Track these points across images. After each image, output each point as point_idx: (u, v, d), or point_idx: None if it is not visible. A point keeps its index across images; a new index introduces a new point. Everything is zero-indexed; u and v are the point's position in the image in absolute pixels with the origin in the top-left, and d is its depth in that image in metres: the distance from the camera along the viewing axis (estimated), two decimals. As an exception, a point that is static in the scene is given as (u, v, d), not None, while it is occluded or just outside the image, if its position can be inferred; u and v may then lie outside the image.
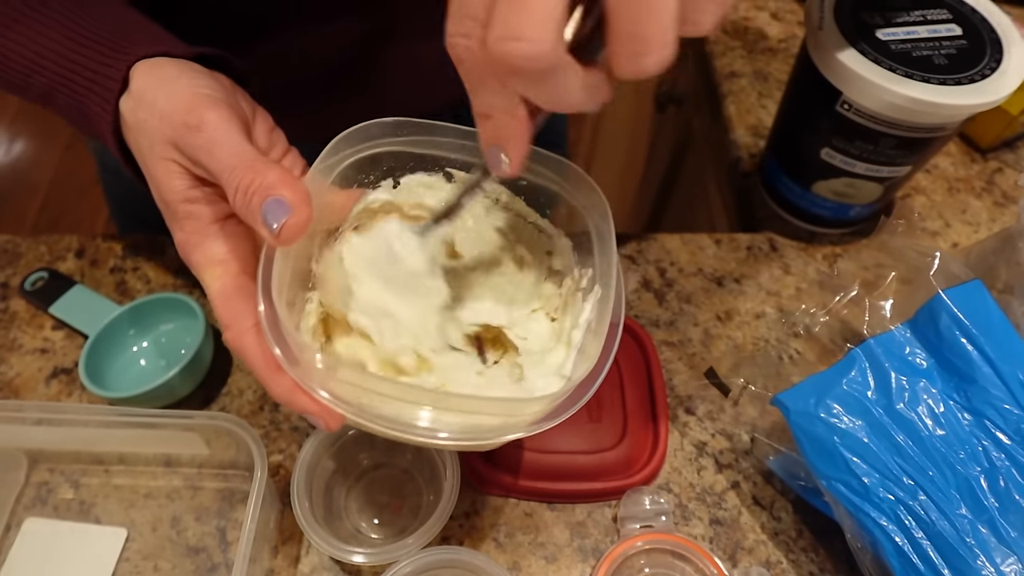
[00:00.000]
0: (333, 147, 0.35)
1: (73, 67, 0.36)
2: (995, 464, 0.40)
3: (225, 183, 0.31)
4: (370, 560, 0.42)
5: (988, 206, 0.64)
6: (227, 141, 0.31)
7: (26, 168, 1.79)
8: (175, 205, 0.33)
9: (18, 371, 0.53)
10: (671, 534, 0.45)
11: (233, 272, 0.33)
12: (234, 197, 0.30)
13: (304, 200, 0.30)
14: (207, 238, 0.33)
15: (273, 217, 0.29)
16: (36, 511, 0.47)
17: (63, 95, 0.37)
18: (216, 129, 0.32)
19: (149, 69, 0.35)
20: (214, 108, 0.32)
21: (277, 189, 0.30)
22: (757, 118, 0.70)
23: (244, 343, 0.31)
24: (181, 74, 0.34)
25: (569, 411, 0.31)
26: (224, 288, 0.32)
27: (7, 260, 0.58)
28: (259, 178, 0.30)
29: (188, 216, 0.33)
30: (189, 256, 0.34)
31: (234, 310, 0.32)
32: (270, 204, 0.29)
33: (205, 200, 0.33)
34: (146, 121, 0.33)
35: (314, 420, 0.31)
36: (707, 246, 0.61)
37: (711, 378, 0.52)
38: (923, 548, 0.38)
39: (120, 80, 0.35)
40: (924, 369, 0.43)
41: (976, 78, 0.48)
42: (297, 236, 0.30)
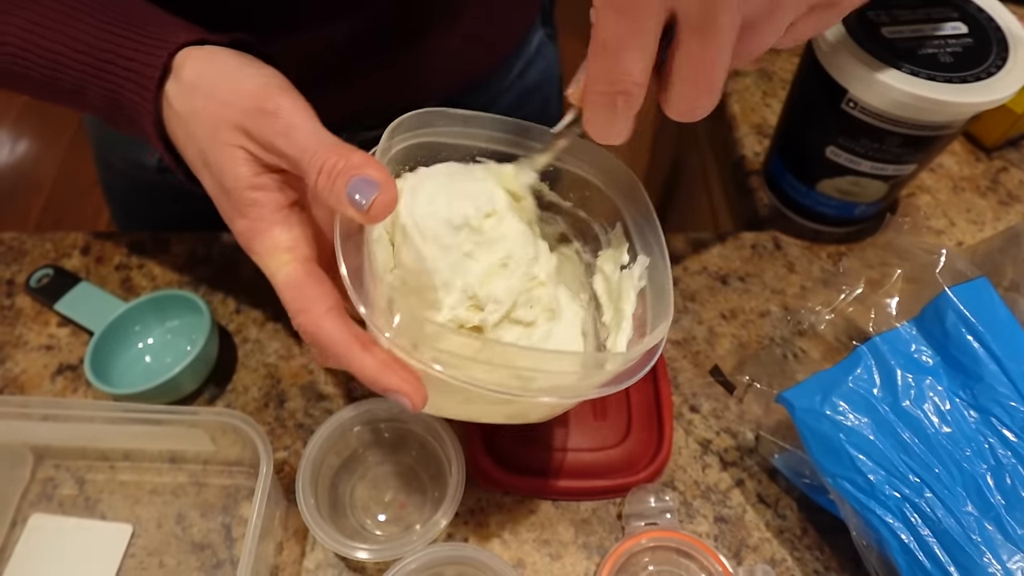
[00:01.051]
0: (388, 134, 0.35)
1: (106, 56, 0.36)
2: (1001, 461, 0.40)
3: (306, 165, 0.31)
4: (375, 556, 0.42)
5: (993, 205, 0.64)
6: (304, 125, 0.32)
7: (29, 167, 1.80)
8: (239, 192, 0.33)
9: (24, 368, 0.53)
10: (676, 531, 0.45)
11: (301, 258, 0.33)
12: (316, 178, 0.30)
13: (389, 179, 0.30)
14: (273, 225, 0.33)
15: (362, 195, 0.30)
16: (42, 507, 0.48)
17: (96, 87, 0.37)
18: (293, 114, 0.32)
19: (205, 58, 0.35)
20: (288, 95, 0.33)
21: (364, 169, 0.30)
22: (761, 117, 0.70)
23: (322, 325, 0.31)
24: (243, 64, 0.34)
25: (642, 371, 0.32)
26: (294, 273, 0.32)
27: (12, 257, 0.58)
28: (343, 159, 0.30)
29: (253, 204, 0.33)
30: (251, 243, 0.34)
31: (306, 295, 0.32)
32: (356, 183, 0.30)
33: (271, 187, 0.33)
34: (204, 108, 0.33)
35: (399, 399, 0.31)
36: (711, 244, 0.61)
37: (716, 376, 0.52)
38: (929, 546, 0.38)
39: (160, 67, 0.35)
40: (930, 367, 0.43)
41: (982, 76, 0.47)
42: (386, 213, 0.30)
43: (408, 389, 0.31)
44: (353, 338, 0.31)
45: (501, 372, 0.31)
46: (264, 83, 0.33)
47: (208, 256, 0.58)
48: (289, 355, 0.53)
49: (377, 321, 0.31)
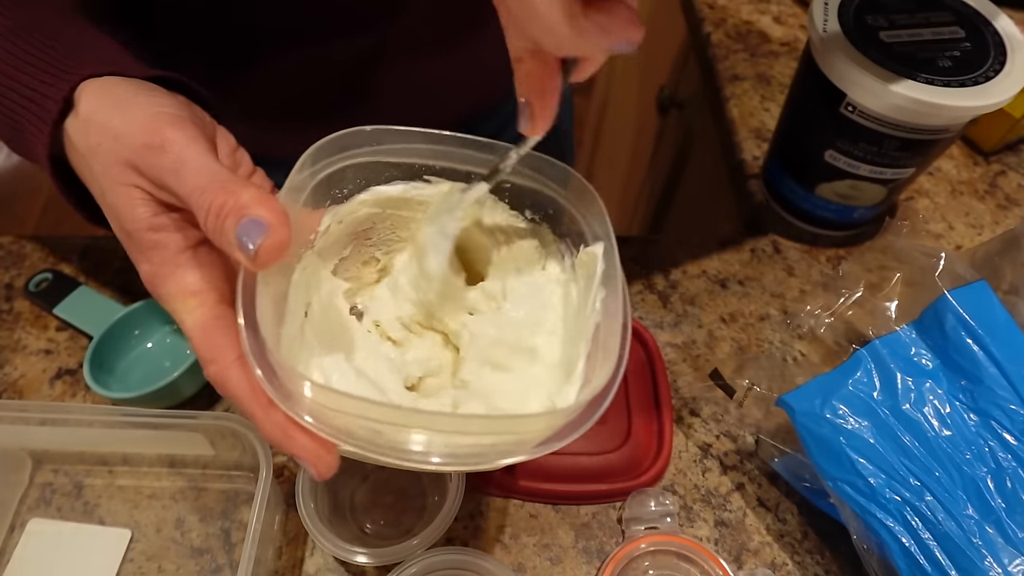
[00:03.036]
0: (310, 156, 0.33)
1: (12, 84, 0.34)
2: (1001, 464, 0.40)
3: (195, 205, 0.28)
4: (375, 561, 0.42)
5: (991, 209, 0.64)
6: (194, 160, 0.29)
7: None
8: (139, 235, 0.31)
9: (22, 372, 0.53)
10: (676, 536, 0.45)
11: (210, 303, 0.30)
12: (205, 220, 0.28)
13: (281, 219, 0.28)
14: (178, 268, 0.30)
15: (249, 239, 0.27)
16: (40, 512, 0.47)
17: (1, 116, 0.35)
18: (182, 148, 0.29)
19: (100, 89, 0.32)
20: (177, 127, 0.30)
21: (252, 209, 0.27)
22: (760, 121, 0.71)
23: (229, 377, 0.29)
24: (137, 93, 0.32)
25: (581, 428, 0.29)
26: (202, 320, 0.30)
27: (11, 261, 0.58)
28: (232, 198, 0.27)
29: (155, 246, 0.30)
30: (158, 289, 0.31)
31: (215, 343, 0.29)
32: (245, 225, 0.27)
33: (172, 227, 0.31)
34: (99, 145, 0.31)
35: (305, 465, 0.29)
36: (710, 248, 0.61)
37: (716, 380, 0.52)
38: (930, 549, 0.38)
39: (60, 100, 0.32)
40: (930, 370, 0.43)
41: (980, 80, 0.48)
42: (275, 258, 0.28)
43: (310, 457, 0.29)
44: (258, 393, 0.29)
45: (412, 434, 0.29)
46: (155, 114, 0.31)
47: (207, 260, 0.58)
48: (288, 359, 0.53)
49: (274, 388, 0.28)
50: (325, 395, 0.28)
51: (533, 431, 0.29)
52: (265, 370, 0.28)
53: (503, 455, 0.29)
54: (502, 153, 0.34)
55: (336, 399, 0.28)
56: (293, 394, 0.28)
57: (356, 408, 0.28)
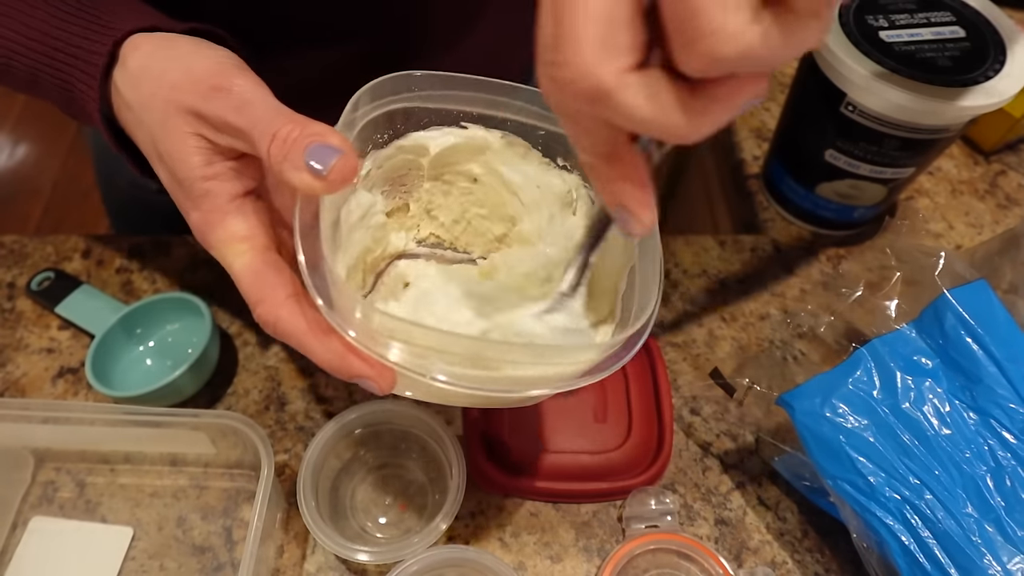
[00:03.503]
0: (353, 104, 0.34)
1: (56, 44, 0.35)
2: (1001, 463, 0.40)
3: (259, 134, 0.29)
4: (376, 559, 0.42)
5: (991, 208, 0.64)
6: (260, 100, 0.31)
7: (29, 172, 1.80)
8: (191, 182, 0.32)
9: (24, 371, 0.53)
10: (676, 534, 0.45)
11: (259, 247, 0.32)
12: (270, 145, 0.29)
13: (351, 147, 0.29)
14: (227, 215, 0.32)
15: (321, 161, 0.28)
16: (42, 510, 0.47)
17: (47, 75, 0.36)
18: (247, 90, 0.31)
19: (158, 43, 0.33)
20: (243, 73, 0.32)
21: (324, 136, 0.29)
22: (760, 121, 0.71)
23: (281, 315, 0.30)
24: (199, 47, 0.33)
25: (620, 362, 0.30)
26: (251, 263, 0.31)
27: (13, 260, 0.58)
28: (300, 127, 0.29)
29: (206, 194, 0.32)
30: (207, 235, 0.32)
31: (265, 283, 0.31)
32: (315, 148, 0.28)
33: (225, 176, 0.32)
34: (154, 94, 0.32)
35: (366, 384, 0.30)
36: (711, 248, 0.61)
37: (716, 379, 0.52)
38: (929, 547, 0.38)
39: (105, 54, 0.33)
40: (930, 369, 0.43)
41: (980, 80, 0.48)
42: (346, 181, 0.29)
43: (372, 373, 0.30)
44: (312, 325, 0.30)
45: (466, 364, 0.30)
46: (218, 62, 0.32)
47: (209, 259, 0.57)
48: (290, 358, 0.54)
49: (336, 315, 0.29)
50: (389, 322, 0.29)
51: (579, 362, 0.30)
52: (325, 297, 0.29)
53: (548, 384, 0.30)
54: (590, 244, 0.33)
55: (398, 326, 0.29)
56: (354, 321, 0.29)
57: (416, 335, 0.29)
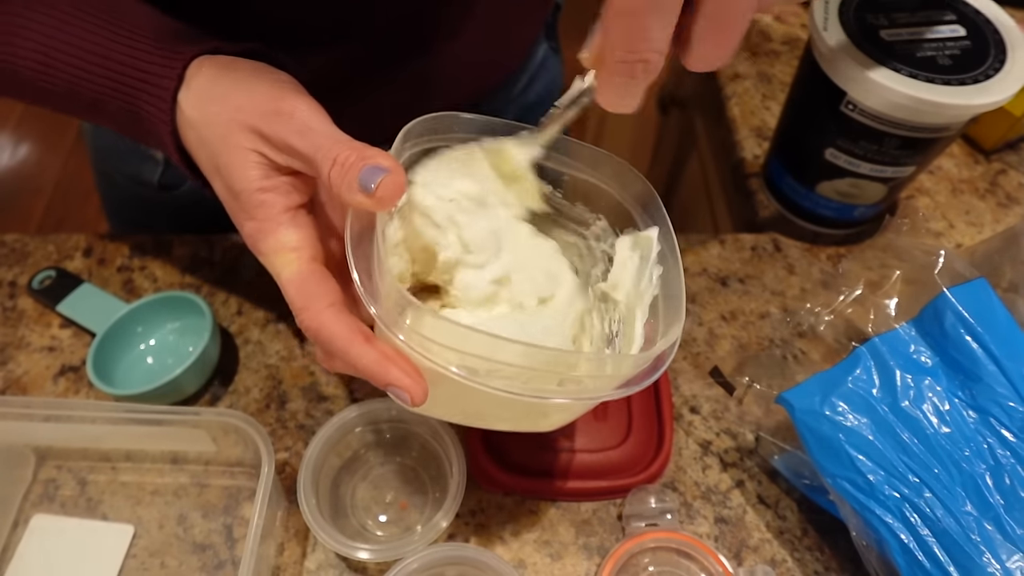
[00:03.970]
0: (402, 137, 0.35)
1: (124, 69, 0.37)
2: (1000, 461, 0.40)
3: (320, 160, 0.32)
4: (376, 557, 0.42)
5: (992, 207, 0.64)
6: (319, 126, 0.33)
7: (31, 171, 1.80)
8: (248, 194, 0.34)
9: (26, 369, 0.53)
10: (676, 532, 0.45)
11: (306, 258, 0.34)
12: (330, 171, 0.31)
13: (398, 167, 0.31)
14: (280, 226, 0.34)
15: (371, 180, 0.30)
16: (44, 507, 0.48)
17: (113, 100, 0.37)
18: (308, 115, 0.33)
19: (222, 66, 0.36)
20: (303, 97, 0.34)
21: (375, 159, 0.31)
22: (761, 120, 0.71)
23: (323, 321, 0.32)
24: (259, 70, 0.36)
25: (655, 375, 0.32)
26: (299, 272, 0.33)
27: (15, 259, 0.59)
28: (357, 152, 0.31)
29: (261, 205, 0.34)
30: (259, 244, 0.34)
31: (309, 292, 0.33)
32: (367, 170, 0.30)
33: (280, 189, 0.34)
34: (218, 114, 0.34)
35: (399, 394, 0.31)
36: (711, 246, 0.61)
37: (716, 377, 0.52)
38: (928, 545, 0.38)
39: (175, 78, 0.35)
40: (929, 367, 0.43)
41: (980, 79, 0.48)
42: (395, 197, 0.31)
43: (408, 383, 0.31)
44: (355, 332, 0.32)
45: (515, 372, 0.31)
46: (280, 86, 0.34)
47: (210, 258, 0.58)
48: (291, 356, 0.54)
49: (387, 319, 0.31)
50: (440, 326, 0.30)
51: (623, 372, 0.32)
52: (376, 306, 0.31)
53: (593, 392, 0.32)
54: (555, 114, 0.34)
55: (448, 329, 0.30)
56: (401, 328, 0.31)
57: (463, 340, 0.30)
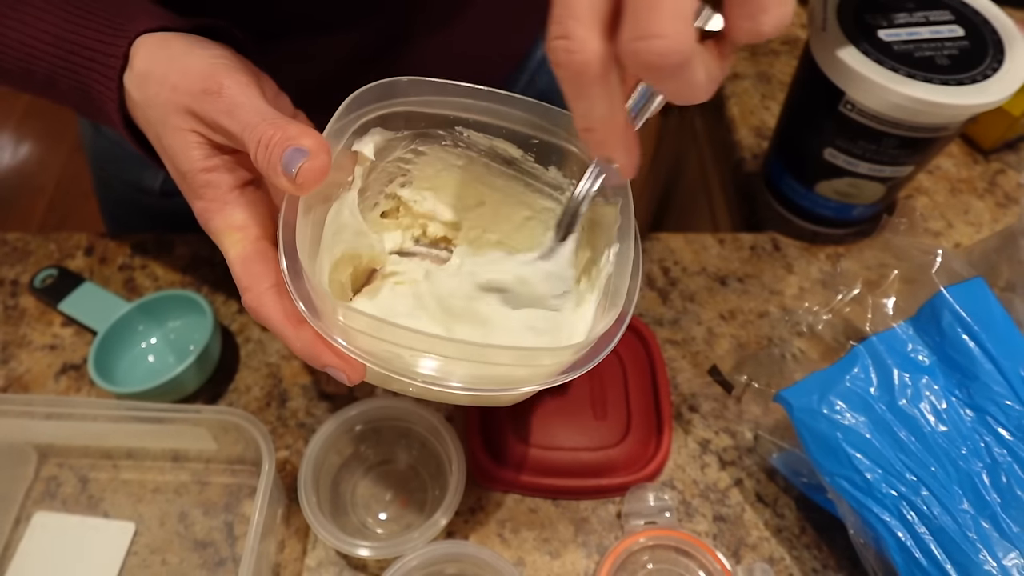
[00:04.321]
0: (344, 109, 0.35)
1: (72, 47, 0.36)
2: (997, 460, 0.40)
3: (247, 140, 0.31)
4: (376, 554, 0.42)
5: (990, 207, 0.65)
6: (247, 103, 0.32)
7: (32, 170, 1.80)
8: (193, 175, 0.34)
9: (28, 367, 0.53)
10: (675, 530, 0.45)
11: (252, 237, 0.33)
12: (255, 152, 0.31)
13: (323, 147, 0.31)
14: (227, 205, 0.34)
15: (292, 163, 0.30)
16: (45, 505, 0.48)
17: (65, 79, 0.37)
18: (236, 93, 0.32)
19: (156, 44, 0.35)
20: (231, 74, 0.33)
21: (297, 139, 0.30)
22: (760, 119, 0.71)
23: (263, 302, 0.32)
24: (191, 47, 0.35)
25: (592, 362, 0.31)
26: (244, 252, 0.33)
27: (17, 258, 0.59)
28: (279, 131, 0.31)
29: (207, 184, 0.34)
30: (208, 223, 0.34)
31: (253, 272, 0.33)
32: (290, 153, 0.30)
33: (223, 168, 0.34)
34: (157, 95, 0.34)
35: (335, 374, 0.32)
36: (710, 245, 0.61)
37: (715, 376, 0.53)
38: (926, 543, 0.39)
39: (121, 56, 0.35)
40: (926, 366, 0.43)
41: (978, 78, 0.48)
42: (315, 181, 0.30)
43: (342, 364, 0.31)
44: (290, 315, 0.32)
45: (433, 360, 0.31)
46: (210, 64, 0.34)
47: (211, 257, 0.59)
48: (291, 355, 0.54)
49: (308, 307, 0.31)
50: (354, 317, 0.30)
51: (548, 364, 0.31)
52: (300, 291, 0.30)
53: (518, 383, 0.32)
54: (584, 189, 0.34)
55: (364, 321, 0.30)
56: (324, 315, 0.31)
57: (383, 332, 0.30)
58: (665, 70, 0.24)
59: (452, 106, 0.38)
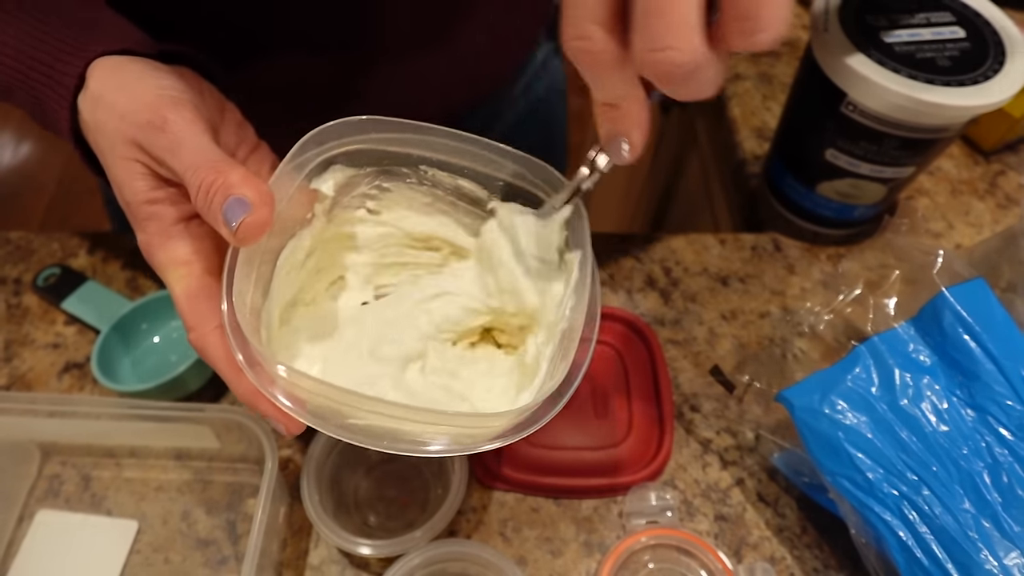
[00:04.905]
0: (301, 146, 0.34)
1: (31, 63, 0.35)
2: (998, 460, 0.40)
3: (188, 182, 0.31)
4: (378, 552, 0.42)
5: (991, 208, 0.65)
6: (191, 141, 0.31)
7: (33, 169, 1.80)
8: (137, 206, 0.33)
9: (31, 365, 0.53)
10: (676, 530, 0.45)
11: (197, 273, 0.32)
12: (195, 196, 0.30)
13: (265, 200, 0.30)
14: (171, 239, 0.33)
15: (232, 216, 0.29)
16: (48, 503, 0.48)
17: (21, 91, 0.36)
18: (180, 129, 0.31)
19: (110, 68, 0.34)
20: (178, 109, 0.32)
21: (239, 188, 0.29)
22: (762, 120, 0.71)
23: (207, 343, 0.31)
24: (143, 74, 0.34)
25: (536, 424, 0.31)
26: (188, 288, 0.32)
27: (20, 256, 0.59)
28: (221, 177, 0.30)
29: (151, 217, 0.33)
30: (152, 257, 0.33)
31: (198, 311, 0.32)
32: (231, 203, 0.29)
33: (168, 201, 0.33)
34: (106, 122, 0.33)
35: (274, 424, 0.32)
36: (712, 246, 0.61)
37: (716, 376, 0.53)
38: (927, 543, 0.39)
39: (76, 76, 0.34)
40: (928, 366, 0.43)
41: (979, 80, 0.48)
42: (256, 236, 0.30)
43: (281, 417, 0.31)
44: (232, 362, 0.31)
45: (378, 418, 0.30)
46: (156, 96, 0.32)
47: (213, 256, 0.59)
48: (293, 354, 0.54)
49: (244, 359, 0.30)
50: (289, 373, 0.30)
51: (485, 428, 0.31)
52: (239, 341, 0.30)
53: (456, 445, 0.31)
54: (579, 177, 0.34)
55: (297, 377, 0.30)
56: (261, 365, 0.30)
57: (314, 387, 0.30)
58: (678, 78, 0.25)
59: (414, 144, 0.37)
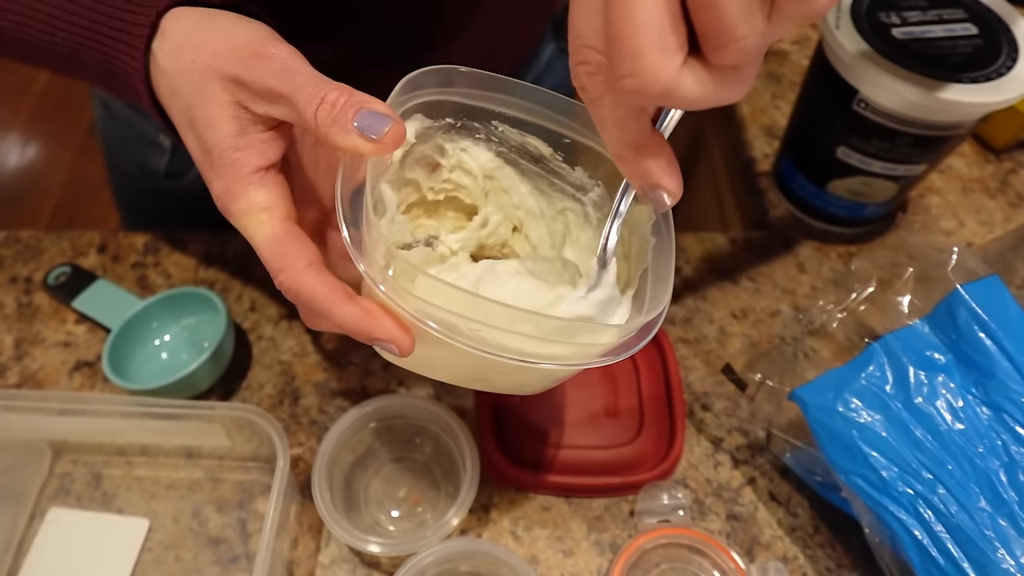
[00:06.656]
0: (400, 89, 0.34)
1: (99, 18, 0.36)
2: (1014, 458, 0.40)
3: (304, 99, 0.30)
4: (389, 551, 0.42)
5: (1002, 206, 0.64)
6: (301, 66, 0.32)
7: (40, 170, 1.81)
8: (220, 150, 0.33)
9: (42, 364, 0.53)
10: (688, 529, 0.45)
11: (279, 218, 0.33)
12: (316, 110, 0.30)
13: (397, 116, 0.31)
14: (249, 186, 0.33)
15: (372, 127, 0.30)
16: (59, 501, 0.48)
17: (89, 50, 0.36)
18: (288, 56, 0.32)
19: (198, 15, 0.35)
20: (280, 44, 0.33)
21: (371, 103, 0.30)
22: (771, 119, 0.71)
23: (302, 282, 0.31)
24: (239, 20, 0.34)
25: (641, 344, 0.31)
26: (271, 233, 0.32)
27: (30, 255, 0.59)
28: (347, 94, 0.30)
29: (231, 163, 0.33)
30: (229, 205, 0.33)
31: (286, 252, 0.32)
32: (365, 114, 0.30)
33: (251, 148, 0.33)
34: (194, 62, 0.33)
35: (386, 346, 0.31)
36: (722, 244, 0.61)
37: (727, 374, 0.52)
38: (942, 542, 0.39)
39: (148, 26, 0.34)
40: (942, 364, 0.43)
41: (992, 76, 0.48)
42: (396, 145, 0.31)
43: (394, 334, 0.31)
44: (336, 290, 0.31)
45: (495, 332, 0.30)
46: (259, 33, 0.33)
47: (223, 255, 0.59)
48: (304, 353, 0.54)
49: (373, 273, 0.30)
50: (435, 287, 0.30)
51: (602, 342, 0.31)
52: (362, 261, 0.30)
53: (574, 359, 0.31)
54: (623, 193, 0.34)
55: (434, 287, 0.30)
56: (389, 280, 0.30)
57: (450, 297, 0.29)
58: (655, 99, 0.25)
59: (495, 100, 0.37)
